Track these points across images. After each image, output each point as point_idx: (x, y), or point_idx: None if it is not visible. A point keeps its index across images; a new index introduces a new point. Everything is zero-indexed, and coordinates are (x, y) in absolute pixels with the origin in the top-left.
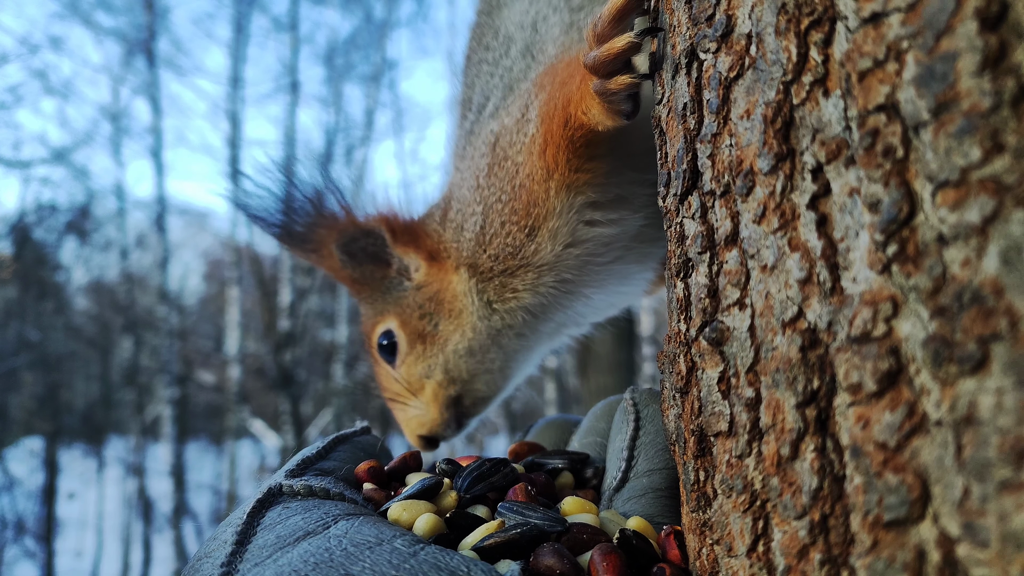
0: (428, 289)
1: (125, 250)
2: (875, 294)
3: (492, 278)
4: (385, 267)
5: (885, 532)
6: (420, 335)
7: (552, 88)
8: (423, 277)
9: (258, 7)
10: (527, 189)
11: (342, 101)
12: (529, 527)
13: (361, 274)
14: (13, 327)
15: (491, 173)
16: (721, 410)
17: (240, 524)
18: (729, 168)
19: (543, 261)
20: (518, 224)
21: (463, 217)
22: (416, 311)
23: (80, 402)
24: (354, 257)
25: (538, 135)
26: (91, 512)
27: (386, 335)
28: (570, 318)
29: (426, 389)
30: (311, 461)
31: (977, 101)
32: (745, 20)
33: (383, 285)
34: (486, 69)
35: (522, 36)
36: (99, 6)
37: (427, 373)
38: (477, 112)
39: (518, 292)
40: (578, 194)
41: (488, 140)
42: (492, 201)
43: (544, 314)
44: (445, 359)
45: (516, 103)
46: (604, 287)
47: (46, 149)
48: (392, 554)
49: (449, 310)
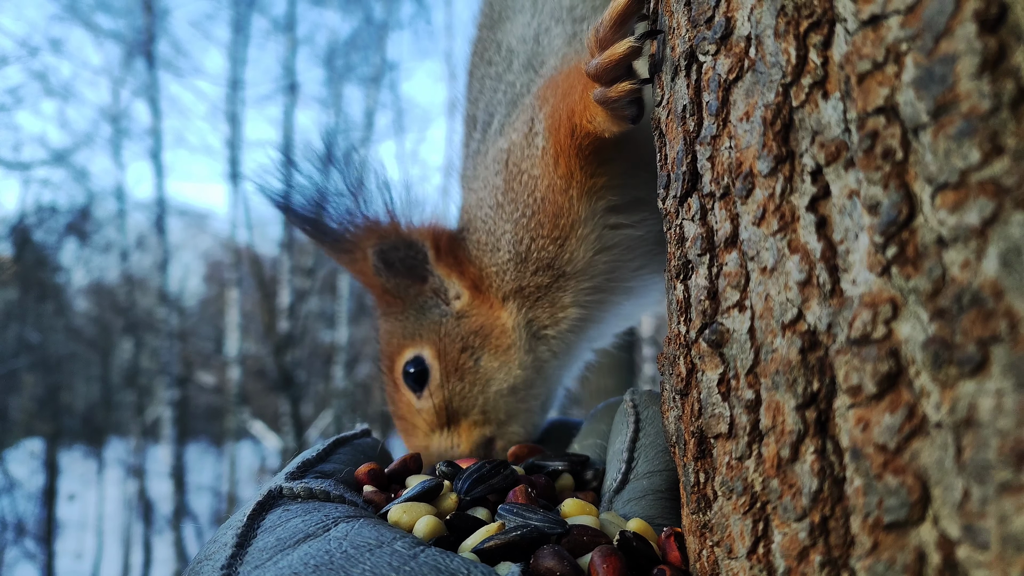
0: (472, 322)
1: (125, 252)
2: (875, 296)
3: (540, 297)
4: (420, 283)
5: (885, 534)
6: (457, 369)
7: (555, 100)
8: (466, 307)
9: (257, 9)
10: (550, 201)
11: (342, 102)
12: (529, 529)
13: (394, 286)
14: (13, 329)
15: (509, 189)
16: (721, 412)
17: (240, 526)
18: (729, 170)
19: (576, 269)
20: (548, 236)
21: (495, 239)
22: (457, 343)
23: (80, 404)
24: (390, 267)
25: (548, 147)
26: (91, 514)
27: (415, 362)
28: (600, 331)
29: (461, 427)
30: (311, 464)
31: (976, 103)
32: (744, 22)
33: (416, 303)
34: (489, 84)
35: (524, 49)
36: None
37: (462, 411)
38: (483, 131)
39: (567, 308)
40: (599, 199)
41: (499, 158)
42: (517, 216)
43: (583, 330)
44: (485, 399)
45: (521, 117)
46: (631, 294)
47: (46, 151)
48: (392, 556)
49: (496, 346)
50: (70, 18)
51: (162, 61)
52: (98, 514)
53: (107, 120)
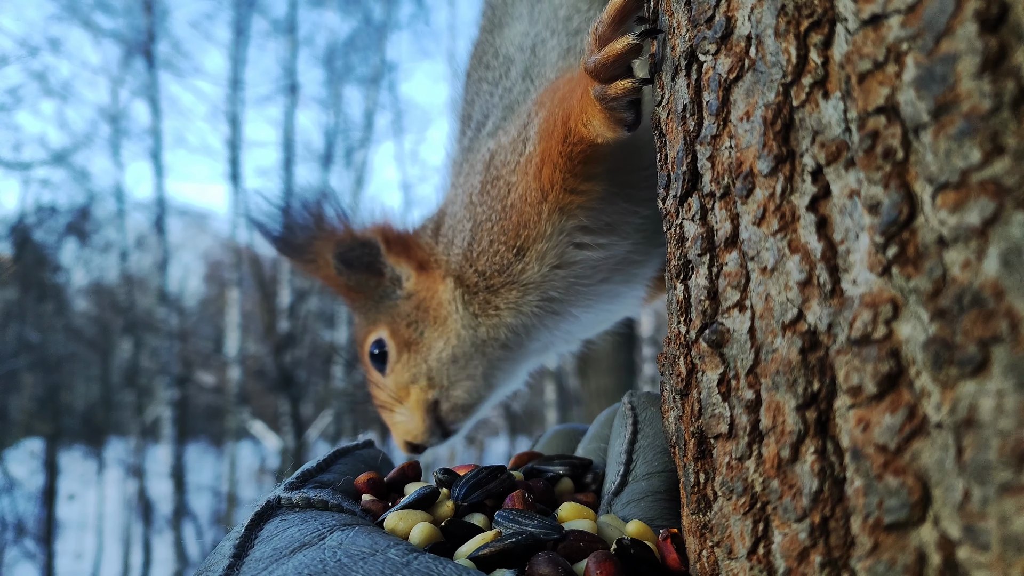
0: (416, 297)
1: (125, 251)
2: (875, 296)
3: (477, 292)
4: (379, 276)
5: (886, 535)
6: (407, 343)
7: (552, 104)
8: (412, 286)
9: (257, 9)
10: (518, 210)
11: (341, 103)
12: (525, 536)
13: (356, 282)
14: (13, 329)
15: (484, 191)
16: (721, 412)
17: (238, 537)
18: (729, 170)
19: (529, 280)
20: (506, 244)
21: (454, 233)
22: (404, 319)
23: (80, 404)
24: (350, 266)
25: (535, 154)
26: (91, 514)
27: (377, 344)
28: (558, 336)
29: (411, 396)
30: (311, 474)
31: (977, 103)
32: (745, 22)
33: (376, 294)
34: (486, 88)
35: (521, 59)
36: (98, 8)
37: (412, 380)
38: (476, 129)
39: (500, 311)
40: (570, 217)
41: (484, 158)
42: (482, 219)
43: (529, 333)
44: (428, 366)
45: (515, 123)
46: (592, 307)
47: (46, 151)
48: (385, 564)
49: (435, 317)
50: (69, 18)
51: (162, 61)
52: (98, 514)
53: (107, 120)
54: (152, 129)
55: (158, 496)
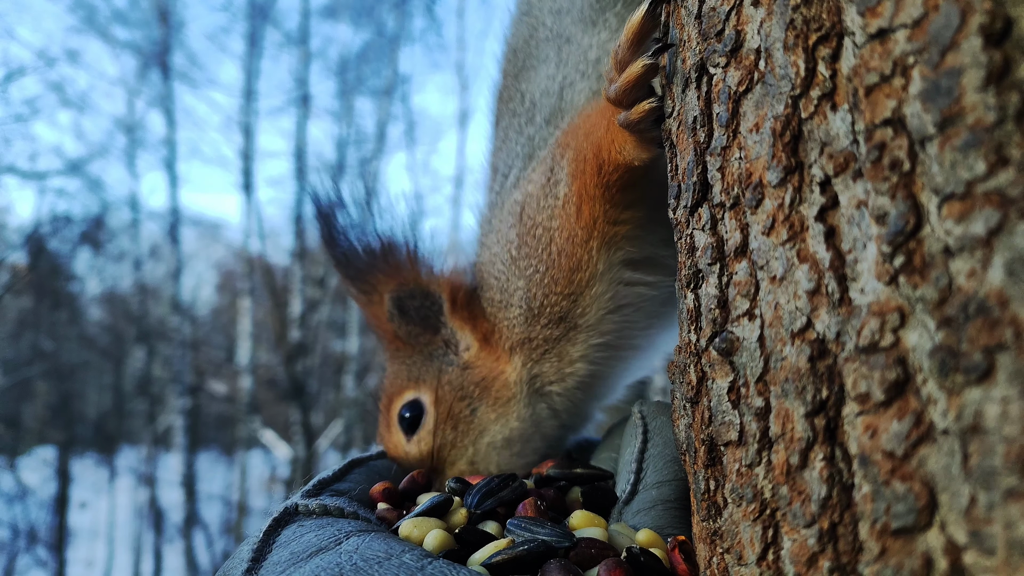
0: (476, 373)
1: (139, 261)
2: (882, 305)
3: (548, 351)
4: (432, 333)
5: (893, 540)
6: (452, 416)
7: (577, 142)
8: (472, 358)
9: (271, 22)
10: (567, 254)
11: (353, 114)
12: (536, 543)
13: (406, 333)
14: (27, 337)
15: (523, 243)
16: (731, 420)
17: (256, 542)
18: (739, 181)
19: (588, 323)
20: (561, 293)
21: (507, 295)
22: (456, 391)
23: (93, 412)
24: (404, 314)
25: (571, 194)
26: (102, 522)
27: (412, 406)
28: (607, 386)
29: (444, 478)
30: (327, 483)
31: (982, 115)
32: (754, 35)
33: (425, 351)
34: (512, 136)
35: (548, 103)
36: (115, 20)
37: (450, 459)
38: (501, 182)
39: (575, 363)
40: (617, 249)
41: (514, 211)
42: (530, 273)
43: (589, 387)
44: (476, 450)
45: (539, 169)
46: (639, 350)
47: (61, 161)
48: (400, 568)
49: (496, 399)
50: (87, 30)
51: (177, 73)
52: (109, 522)
53: (122, 130)
54: (167, 139)
55: (169, 505)
